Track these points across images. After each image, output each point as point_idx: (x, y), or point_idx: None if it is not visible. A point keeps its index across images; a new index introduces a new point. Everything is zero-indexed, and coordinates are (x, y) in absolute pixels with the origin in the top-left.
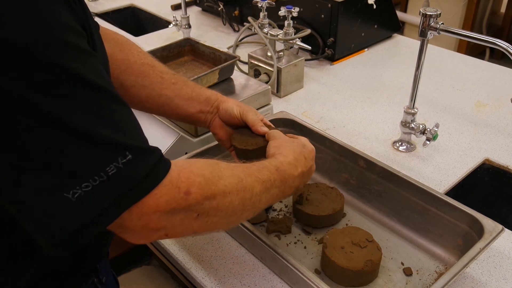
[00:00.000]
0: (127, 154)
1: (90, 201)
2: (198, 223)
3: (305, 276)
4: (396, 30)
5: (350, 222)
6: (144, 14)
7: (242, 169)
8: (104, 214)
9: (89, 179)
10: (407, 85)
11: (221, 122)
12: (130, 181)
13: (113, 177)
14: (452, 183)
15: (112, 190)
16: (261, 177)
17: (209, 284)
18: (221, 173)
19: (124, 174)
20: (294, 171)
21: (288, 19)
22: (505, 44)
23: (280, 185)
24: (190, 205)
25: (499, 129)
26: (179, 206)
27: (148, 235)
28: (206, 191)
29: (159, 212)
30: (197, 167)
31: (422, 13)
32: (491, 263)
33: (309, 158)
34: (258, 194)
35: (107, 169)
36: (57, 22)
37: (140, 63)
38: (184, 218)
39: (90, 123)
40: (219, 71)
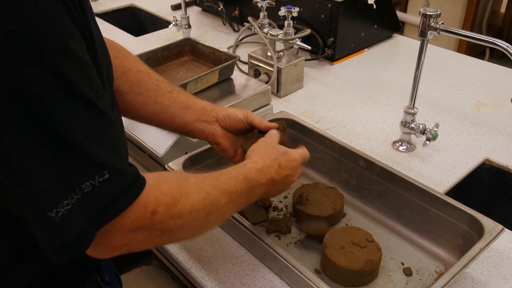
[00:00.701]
0: (105, 173)
1: (71, 220)
2: (162, 239)
3: (305, 276)
4: (396, 30)
5: (350, 222)
6: (144, 14)
7: (210, 182)
8: (84, 234)
9: (67, 196)
10: (407, 85)
11: (224, 131)
12: (102, 201)
13: (87, 196)
14: (452, 183)
15: (86, 209)
16: (228, 189)
17: (209, 284)
18: (190, 190)
19: (98, 193)
20: (261, 178)
21: (288, 19)
22: (505, 44)
23: (246, 194)
24: (155, 224)
25: (499, 129)
26: (143, 225)
27: (110, 251)
28: (172, 210)
29: (123, 230)
30: (166, 185)
31: (422, 13)
32: (491, 263)
33: (286, 167)
34: (224, 206)
35: (83, 186)
36: (57, 28)
37: (136, 70)
38: (147, 236)
39: (75, 135)
40: (219, 71)
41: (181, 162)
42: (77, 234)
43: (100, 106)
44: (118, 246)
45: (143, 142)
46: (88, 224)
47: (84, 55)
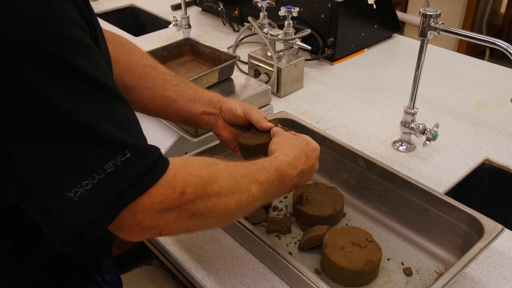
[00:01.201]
0: (126, 153)
1: (91, 200)
2: (192, 222)
3: (305, 276)
4: (396, 30)
5: (350, 222)
6: (144, 14)
7: (240, 170)
8: (104, 214)
9: (88, 177)
10: (407, 85)
11: (225, 123)
12: (127, 180)
13: (111, 175)
14: (452, 183)
15: (110, 189)
16: (259, 179)
17: (209, 284)
18: (218, 174)
19: (122, 172)
20: (293, 171)
21: (288, 19)
22: (505, 44)
23: (277, 185)
24: (184, 205)
25: (499, 129)
26: (173, 206)
27: (142, 233)
28: (201, 191)
29: (153, 211)
30: (194, 167)
31: (422, 13)
32: (491, 263)
33: (311, 157)
34: (255, 195)
35: (105, 166)
36: (63, 16)
37: (143, 65)
38: (178, 217)
39: (92, 118)
40: (219, 71)
41: None
42: (94, 214)
43: (112, 87)
44: (149, 228)
45: None
46: (111, 204)
47: (89, 41)
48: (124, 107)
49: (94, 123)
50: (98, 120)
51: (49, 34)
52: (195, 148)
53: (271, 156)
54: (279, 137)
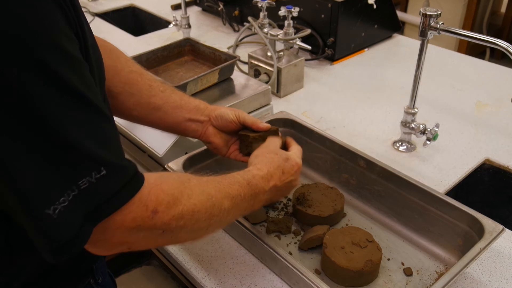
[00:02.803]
0: (102, 170)
1: (68, 217)
2: (162, 239)
3: (305, 276)
4: (396, 30)
5: (350, 222)
6: (144, 14)
7: (213, 185)
8: (81, 230)
9: (64, 193)
10: (407, 85)
11: (215, 129)
12: (100, 196)
13: (85, 192)
14: (452, 183)
15: (84, 205)
16: (231, 193)
17: (209, 284)
18: (192, 191)
19: (96, 189)
20: (265, 185)
21: (288, 19)
22: (505, 44)
23: (249, 199)
24: (156, 224)
25: (499, 129)
26: (144, 224)
27: (109, 249)
28: (174, 210)
29: (124, 228)
30: (168, 185)
31: (422, 13)
32: (491, 263)
33: (289, 173)
34: (226, 210)
35: (80, 182)
36: (51, 26)
37: (128, 71)
38: (148, 235)
39: (71, 132)
40: (219, 71)
41: (181, 162)
42: (74, 230)
43: (95, 103)
44: (118, 244)
45: (143, 142)
46: (84, 221)
47: (76, 53)
48: (105, 122)
49: (73, 137)
50: (77, 135)
51: (37, 39)
52: (195, 148)
53: (244, 170)
54: (260, 149)
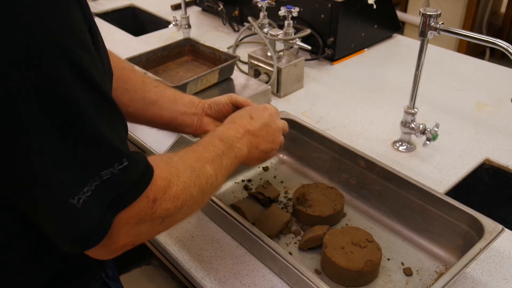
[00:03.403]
0: (124, 161)
1: (91, 207)
2: (163, 226)
3: (305, 276)
4: (396, 30)
5: (350, 222)
6: (144, 14)
7: (192, 156)
8: (103, 221)
9: (87, 183)
10: (407, 85)
11: (210, 119)
12: (120, 188)
13: (106, 182)
14: (452, 183)
15: (104, 196)
16: (209, 157)
17: (209, 284)
18: (177, 169)
19: (117, 180)
20: (237, 133)
21: (288, 19)
22: (505, 44)
23: (228, 153)
24: (155, 213)
25: (499, 129)
26: (146, 216)
27: (116, 250)
28: (169, 194)
29: (128, 225)
30: (159, 169)
31: (422, 13)
32: (491, 263)
33: (259, 116)
34: (212, 175)
35: (103, 173)
36: (73, 19)
37: (120, 67)
38: (149, 227)
39: (95, 124)
40: (219, 71)
41: None
42: (96, 220)
43: (110, 96)
44: (124, 245)
45: (143, 142)
46: (105, 211)
47: (92, 48)
48: (118, 117)
49: (97, 128)
50: (100, 126)
51: (63, 32)
52: None
53: (212, 131)
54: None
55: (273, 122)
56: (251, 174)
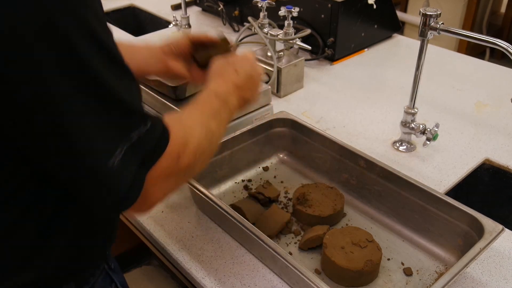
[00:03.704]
0: (148, 122)
1: (125, 168)
2: (186, 178)
3: (305, 276)
4: (396, 30)
5: (350, 222)
6: (144, 14)
7: (197, 113)
8: (136, 180)
9: (119, 145)
10: (407, 85)
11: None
12: (148, 147)
13: (136, 143)
14: (452, 183)
15: (135, 156)
16: (211, 112)
17: (209, 284)
18: (190, 127)
19: (144, 140)
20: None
21: (288, 19)
22: (505, 44)
23: (225, 108)
24: (181, 168)
25: (499, 129)
26: (173, 172)
27: (149, 207)
28: (188, 150)
29: (158, 182)
30: (175, 128)
31: (422, 13)
32: (491, 263)
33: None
34: (216, 128)
35: (132, 134)
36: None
37: None
38: (176, 180)
39: (120, 87)
40: None
41: None
42: (130, 181)
43: (125, 63)
44: (156, 201)
45: None
46: (137, 171)
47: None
48: (135, 81)
49: (122, 92)
50: (125, 90)
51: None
52: None
53: (206, 88)
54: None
55: (255, 71)
56: (251, 174)
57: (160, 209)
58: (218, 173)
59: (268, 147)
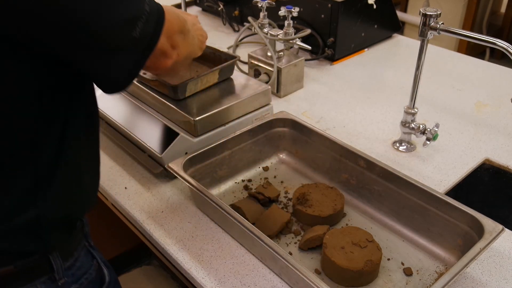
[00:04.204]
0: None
1: (145, 33)
2: (186, 43)
3: (305, 276)
4: (396, 30)
5: (350, 222)
6: None
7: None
8: (153, 39)
9: (141, 15)
10: (407, 85)
11: None
12: (158, 10)
13: (150, 10)
14: (452, 183)
15: (153, 21)
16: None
17: (209, 284)
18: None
19: (153, 7)
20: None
21: (288, 19)
22: (505, 44)
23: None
24: (183, 27)
25: (499, 129)
26: (179, 28)
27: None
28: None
29: (175, 33)
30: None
31: (422, 13)
32: (491, 263)
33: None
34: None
35: (145, 5)
36: None
37: None
38: (183, 38)
39: None
40: (219, 71)
41: (181, 162)
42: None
43: None
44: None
45: (143, 142)
46: (155, 31)
47: None
48: None
49: None
50: None
51: None
52: (195, 148)
53: None
54: None
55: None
56: (251, 174)
57: (160, 209)
58: (218, 173)
59: (268, 147)
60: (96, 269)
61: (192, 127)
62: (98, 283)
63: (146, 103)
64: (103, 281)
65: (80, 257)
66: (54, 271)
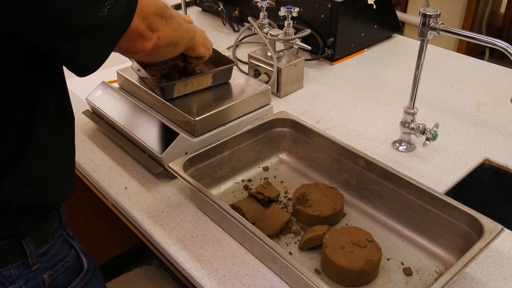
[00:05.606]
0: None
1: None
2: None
3: (305, 276)
4: (396, 30)
5: (350, 222)
6: None
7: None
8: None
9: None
10: (407, 85)
11: None
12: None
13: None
14: (452, 183)
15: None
16: None
17: (209, 284)
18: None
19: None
20: None
21: (288, 19)
22: (504, 44)
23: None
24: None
25: (499, 129)
26: (156, 10)
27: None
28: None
29: (151, 14)
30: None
31: (422, 13)
32: (491, 263)
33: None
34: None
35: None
36: None
37: None
38: (164, 23)
39: None
40: (213, 75)
41: (181, 162)
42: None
43: None
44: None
45: (143, 142)
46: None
47: None
48: None
49: None
50: None
51: None
52: (195, 148)
53: None
54: None
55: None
56: (251, 174)
57: (160, 209)
58: (218, 173)
59: (268, 147)
60: (74, 257)
61: (192, 127)
62: (77, 271)
63: (146, 103)
64: (81, 269)
65: (56, 245)
66: (27, 256)
